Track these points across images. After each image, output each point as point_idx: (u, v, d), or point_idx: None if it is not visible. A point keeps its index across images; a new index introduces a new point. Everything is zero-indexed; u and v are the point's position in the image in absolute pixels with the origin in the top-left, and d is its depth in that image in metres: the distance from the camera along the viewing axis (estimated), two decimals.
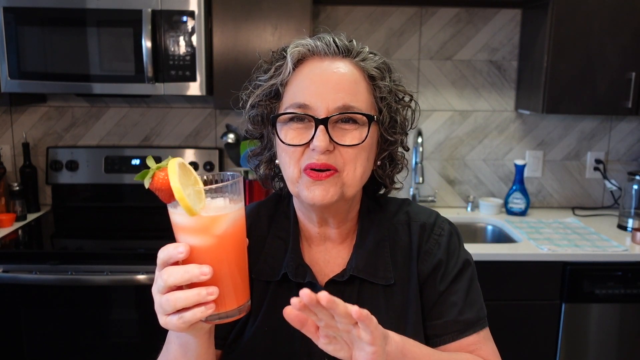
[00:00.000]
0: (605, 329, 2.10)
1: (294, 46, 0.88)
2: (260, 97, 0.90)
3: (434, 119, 2.61)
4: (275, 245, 0.95)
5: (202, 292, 0.68)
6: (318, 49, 0.87)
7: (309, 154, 0.84)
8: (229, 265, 0.73)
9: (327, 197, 0.84)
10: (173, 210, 0.71)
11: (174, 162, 0.68)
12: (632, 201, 2.37)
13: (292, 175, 0.87)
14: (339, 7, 2.51)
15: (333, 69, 0.86)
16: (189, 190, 0.67)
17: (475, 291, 0.95)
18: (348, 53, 0.88)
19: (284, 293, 0.92)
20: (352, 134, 0.85)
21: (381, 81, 0.89)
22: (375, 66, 0.89)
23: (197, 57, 2.10)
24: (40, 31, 2.09)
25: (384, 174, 0.95)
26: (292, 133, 0.86)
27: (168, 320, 0.70)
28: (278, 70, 0.89)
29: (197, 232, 0.70)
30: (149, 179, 0.68)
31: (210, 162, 2.51)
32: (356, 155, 0.85)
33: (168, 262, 0.70)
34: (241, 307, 0.75)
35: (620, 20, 2.18)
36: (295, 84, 0.87)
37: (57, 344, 1.98)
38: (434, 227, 0.96)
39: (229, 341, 0.94)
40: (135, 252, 1.98)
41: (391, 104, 0.90)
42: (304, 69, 0.87)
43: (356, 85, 0.86)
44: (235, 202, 0.73)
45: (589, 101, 2.25)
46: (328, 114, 0.83)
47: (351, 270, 0.91)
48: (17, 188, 2.30)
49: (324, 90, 0.84)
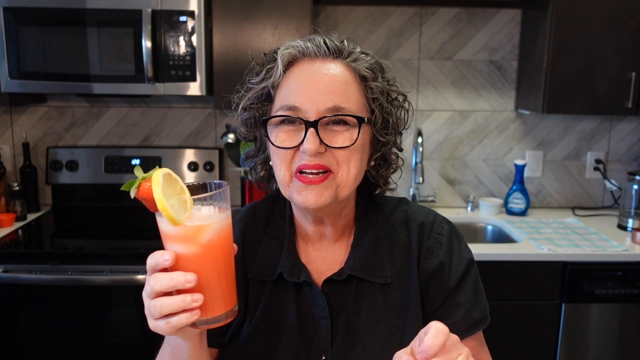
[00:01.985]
0: (605, 329, 2.10)
1: (284, 48, 0.88)
2: (252, 99, 0.90)
3: (434, 119, 2.61)
4: (272, 245, 0.96)
5: (187, 298, 0.70)
6: (309, 51, 0.87)
7: (300, 156, 0.84)
8: (215, 272, 0.74)
9: (321, 200, 0.84)
10: (159, 219, 0.73)
11: (159, 172, 0.69)
12: (632, 201, 2.37)
13: (284, 179, 0.87)
14: (339, 7, 2.51)
15: (323, 70, 0.86)
16: (172, 201, 0.69)
17: (480, 290, 0.95)
18: (339, 54, 0.88)
19: (280, 292, 0.93)
20: (343, 135, 0.84)
21: (373, 82, 0.88)
22: (366, 67, 0.88)
23: (197, 57, 2.10)
24: (40, 31, 2.08)
25: (377, 175, 0.94)
26: (282, 135, 0.85)
27: (156, 325, 0.72)
28: (269, 72, 0.89)
29: (182, 240, 0.72)
30: (134, 189, 0.70)
31: (210, 162, 2.51)
32: (349, 157, 0.85)
33: (156, 269, 0.72)
34: (229, 312, 0.77)
35: (620, 20, 2.18)
36: (286, 87, 0.87)
37: (57, 344, 1.98)
38: (433, 226, 0.96)
39: (226, 340, 0.94)
40: (135, 252, 1.98)
41: (383, 105, 0.89)
42: (295, 71, 0.87)
43: (347, 87, 0.86)
44: (221, 211, 0.74)
45: (589, 101, 2.25)
46: (318, 116, 0.83)
47: (349, 269, 0.91)
48: (17, 188, 2.30)
49: (314, 92, 0.84)
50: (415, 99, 2.57)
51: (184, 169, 2.50)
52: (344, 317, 0.91)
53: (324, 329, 0.90)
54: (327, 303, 0.90)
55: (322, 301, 0.90)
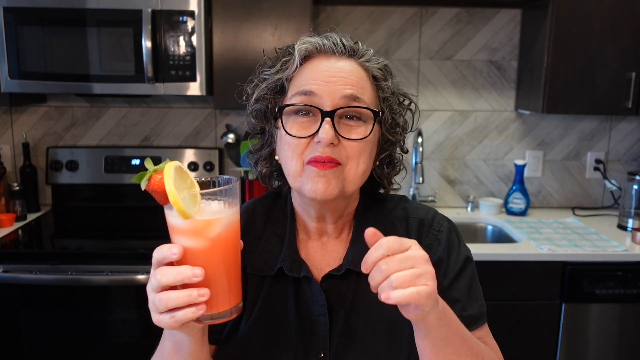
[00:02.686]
0: (605, 329, 2.10)
1: (301, 42, 0.90)
2: (265, 90, 0.91)
3: (434, 119, 2.61)
4: (271, 240, 0.96)
5: (194, 293, 0.70)
6: (325, 48, 0.89)
7: (313, 147, 0.85)
8: (222, 267, 0.74)
9: (329, 189, 0.84)
10: (169, 212, 0.72)
11: (171, 165, 0.69)
12: (632, 201, 2.37)
13: (295, 169, 0.87)
14: (339, 7, 2.51)
15: (340, 66, 0.87)
16: (183, 194, 0.69)
17: (476, 287, 0.95)
18: (353, 53, 0.90)
19: (279, 288, 0.93)
20: (356, 130, 0.86)
21: (384, 82, 0.90)
22: (378, 67, 0.91)
23: (197, 57, 2.10)
24: (40, 31, 2.08)
25: (382, 175, 0.96)
26: (297, 126, 0.86)
27: (160, 319, 0.72)
28: (285, 65, 0.90)
29: (191, 234, 0.72)
30: (145, 181, 0.69)
31: (210, 162, 2.51)
32: (360, 151, 0.86)
33: (162, 262, 0.72)
34: (233, 309, 0.76)
35: (620, 20, 2.18)
36: (301, 78, 0.88)
37: (57, 344, 1.98)
38: (432, 223, 0.97)
39: (224, 336, 0.94)
40: (135, 252, 1.98)
41: (393, 106, 0.91)
42: (310, 65, 0.89)
43: (362, 82, 0.88)
44: (230, 206, 0.74)
45: (589, 101, 2.25)
46: (334, 106, 0.84)
47: (347, 264, 0.91)
48: (17, 188, 2.30)
49: (330, 82, 0.85)
50: (415, 99, 2.56)
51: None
52: (342, 314, 0.91)
53: (322, 325, 0.90)
54: (326, 300, 0.90)
55: (321, 298, 0.90)
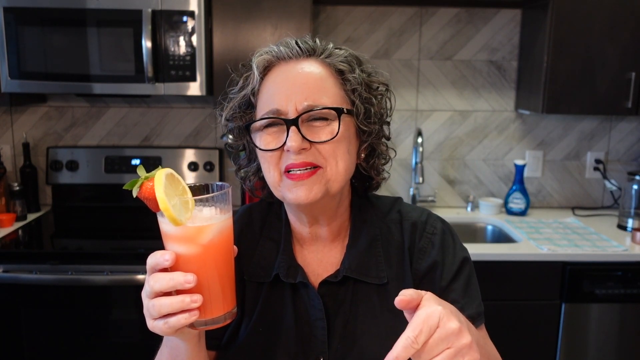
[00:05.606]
0: (605, 329, 2.10)
1: (258, 55, 0.91)
2: (234, 109, 0.93)
3: (434, 119, 2.61)
4: (268, 246, 0.96)
5: (186, 299, 0.70)
6: (282, 54, 0.90)
7: (286, 156, 0.85)
8: (215, 273, 0.75)
9: (311, 195, 0.85)
10: (161, 219, 0.73)
11: (162, 172, 0.70)
12: (632, 201, 2.37)
13: (274, 180, 0.88)
14: (339, 7, 2.51)
15: (298, 70, 0.88)
16: (174, 201, 0.69)
17: (473, 287, 0.95)
18: (312, 52, 0.90)
19: (277, 294, 0.93)
20: (324, 130, 0.86)
21: (350, 74, 0.89)
22: (341, 60, 0.89)
23: (197, 57, 2.10)
24: (40, 31, 2.08)
25: (368, 166, 0.95)
26: (267, 138, 0.87)
27: (155, 325, 0.72)
28: (247, 80, 0.92)
29: (183, 241, 0.72)
30: (137, 188, 0.70)
31: (210, 162, 2.51)
32: (334, 150, 0.86)
33: (156, 269, 0.72)
34: (227, 314, 0.77)
35: (620, 20, 2.18)
36: (265, 92, 0.89)
37: (57, 344, 1.98)
38: (425, 226, 0.96)
39: (224, 342, 0.94)
40: (135, 252, 1.98)
41: (363, 95, 0.90)
42: (272, 76, 0.89)
43: (322, 82, 0.87)
44: (223, 212, 0.75)
45: (589, 101, 2.25)
46: (297, 114, 0.84)
47: (344, 270, 0.91)
48: (17, 188, 2.30)
49: (291, 92, 0.85)
50: (415, 99, 2.57)
51: (184, 169, 2.50)
52: (340, 319, 0.91)
53: (320, 330, 0.90)
54: (323, 305, 0.90)
55: (319, 302, 0.90)
